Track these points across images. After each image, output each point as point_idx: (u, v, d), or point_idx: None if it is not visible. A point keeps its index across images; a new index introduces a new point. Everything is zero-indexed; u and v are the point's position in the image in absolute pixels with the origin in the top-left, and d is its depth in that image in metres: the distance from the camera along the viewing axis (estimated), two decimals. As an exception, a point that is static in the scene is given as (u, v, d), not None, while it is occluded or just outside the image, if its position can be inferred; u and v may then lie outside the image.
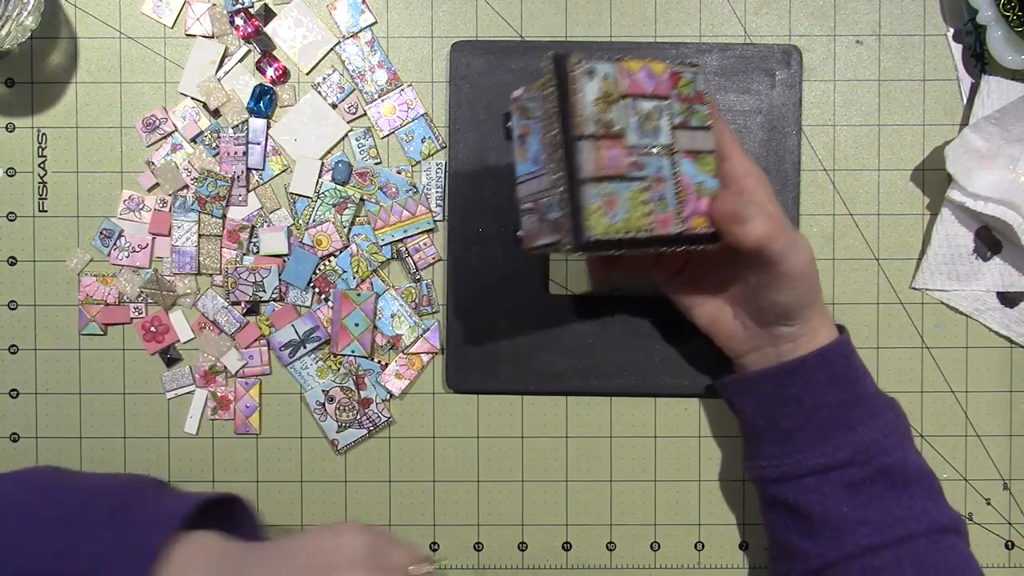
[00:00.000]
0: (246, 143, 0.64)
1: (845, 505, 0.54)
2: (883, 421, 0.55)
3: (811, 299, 0.55)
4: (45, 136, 0.65)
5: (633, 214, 0.50)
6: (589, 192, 0.48)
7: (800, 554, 0.55)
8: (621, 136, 0.50)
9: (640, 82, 0.50)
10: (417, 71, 0.65)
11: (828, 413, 0.55)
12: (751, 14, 0.65)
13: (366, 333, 0.64)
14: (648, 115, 0.51)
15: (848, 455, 0.54)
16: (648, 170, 0.51)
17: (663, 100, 0.52)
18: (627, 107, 0.50)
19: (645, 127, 0.51)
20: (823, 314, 0.56)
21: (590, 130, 0.48)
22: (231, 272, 0.64)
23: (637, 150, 0.51)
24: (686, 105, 0.53)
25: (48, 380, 0.65)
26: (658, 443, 0.66)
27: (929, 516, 0.54)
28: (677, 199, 0.52)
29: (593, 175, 0.48)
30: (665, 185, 0.52)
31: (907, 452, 0.55)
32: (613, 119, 0.49)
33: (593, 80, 0.49)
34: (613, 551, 0.66)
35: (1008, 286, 0.65)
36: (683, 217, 0.52)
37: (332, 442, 0.65)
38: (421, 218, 0.64)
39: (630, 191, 0.50)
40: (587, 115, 0.48)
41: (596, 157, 0.49)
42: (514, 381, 0.64)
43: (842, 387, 0.55)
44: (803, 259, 0.53)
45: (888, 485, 0.54)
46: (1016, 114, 0.61)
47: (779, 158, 0.64)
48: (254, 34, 0.65)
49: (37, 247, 0.65)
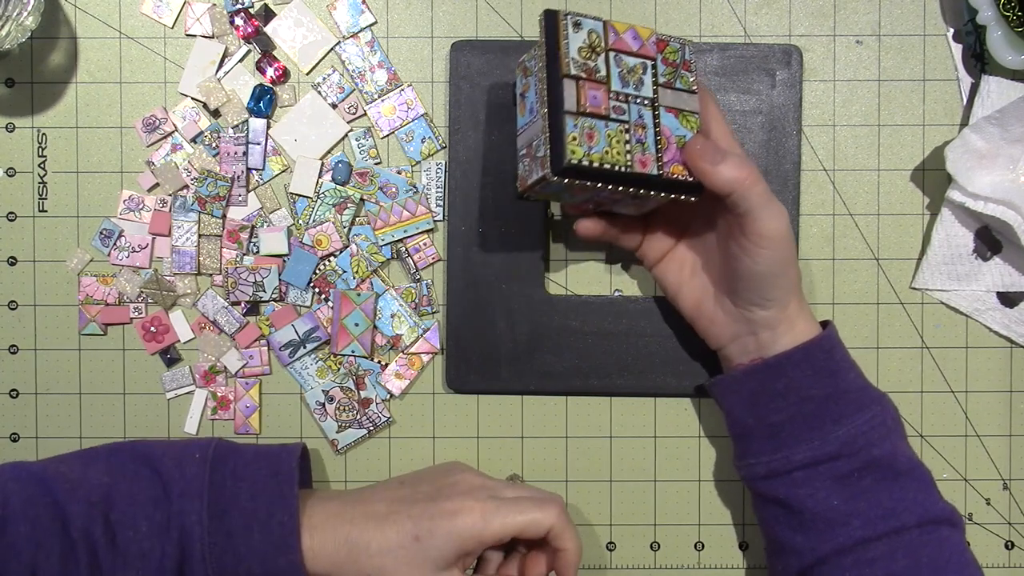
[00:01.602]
0: (246, 143, 0.64)
1: (835, 498, 0.54)
2: (870, 415, 0.55)
3: (786, 275, 0.55)
4: (45, 136, 0.65)
5: (612, 148, 0.53)
6: (568, 122, 0.52)
7: (793, 549, 0.56)
8: (604, 82, 0.53)
9: (626, 40, 0.54)
10: (417, 71, 0.65)
11: (814, 407, 0.55)
12: (751, 14, 0.65)
13: (366, 333, 0.64)
14: (632, 69, 0.54)
15: (835, 448, 0.54)
16: (629, 115, 0.54)
17: (649, 60, 0.55)
18: (612, 59, 0.54)
19: (628, 78, 0.54)
20: (801, 303, 0.57)
21: (573, 71, 0.52)
22: (231, 272, 0.64)
23: (619, 96, 0.54)
24: (671, 68, 0.56)
25: (48, 380, 0.65)
26: (658, 443, 0.66)
27: (922, 508, 0.54)
28: (657, 145, 0.55)
29: (574, 110, 0.52)
30: (646, 131, 0.54)
31: (896, 445, 0.56)
32: (597, 66, 0.53)
33: (580, 32, 0.53)
34: (613, 551, 0.66)
35: (1008, 286, 0.65)
36: (663, 162, 0.55)
37: (332, 442, 0.65)
38: (421, 218, 0.64)
39: (610, 129, 0.53)
40: (572, 58, 0.52)
41: (578, 94, 0.52)
42: (514, 381, 0.64)
43: (827, 381, 0.55)
44: (778, 223, 0.53)
45: (878, 478, 0.54)
46: (1016, 114, 0.61)
47: (779, 158, 0.64)
48: (254, 34, 0.65)
49: (37, 247, 0.65)
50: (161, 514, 0.53)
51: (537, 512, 0.55)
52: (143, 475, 0.55)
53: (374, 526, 0.55)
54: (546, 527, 0.55)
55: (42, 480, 0.54)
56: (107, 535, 0.53)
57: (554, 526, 0.55)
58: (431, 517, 0.55)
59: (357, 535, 0.55)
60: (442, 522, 0.55)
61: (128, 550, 0.53)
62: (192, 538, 0.53)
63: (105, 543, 0.53)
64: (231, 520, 0.54)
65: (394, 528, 0.55)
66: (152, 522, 0.53)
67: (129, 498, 0.54)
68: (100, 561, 0.53)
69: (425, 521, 0.55)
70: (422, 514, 0.55)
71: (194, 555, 0.53)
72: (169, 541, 0.53)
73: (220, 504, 0.54)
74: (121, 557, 0.53)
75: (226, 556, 0.53)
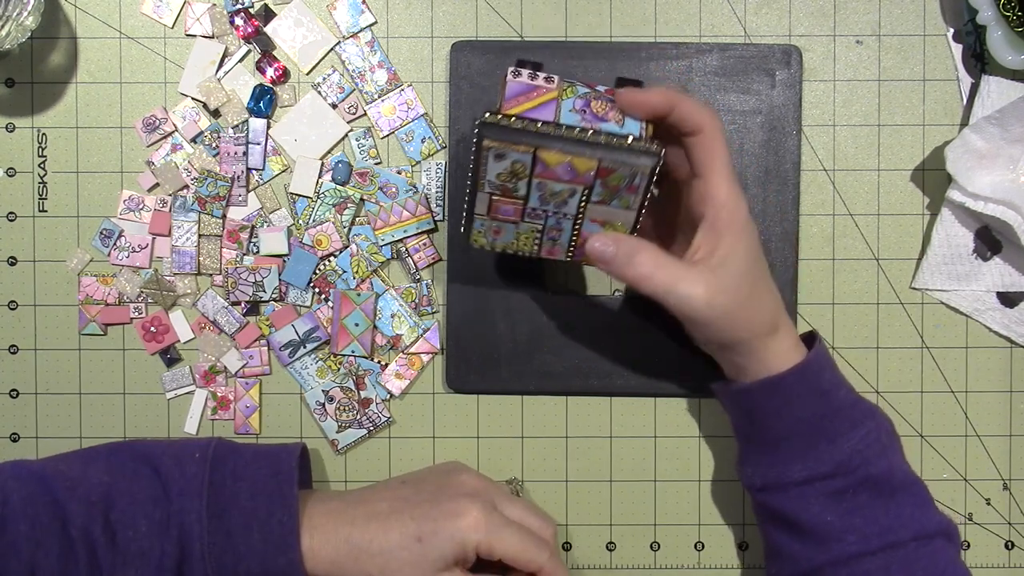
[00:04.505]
0: (246, 143, 0.64)
1: (830, 514, 0.54)
2: (864, 431, 0.55)
3: (745, 315, 0.54)
4: (45, 136, 0.65)
5: (519, 241, 0.56)
6: (477, 221, 0.55)
7: (790, 555, 0.56)
8: (522, 199, 0.53)
9: (555, 173, 0.52)
10: (417, 71, 0.65)
11: (808, 427, 0.55)
12: (751, 14, 0.65)
13: (366, 333, 0.64)
14: (557, 192, 0.53)
15: (830, 468, 0.54)
16: (545, 223, 0.54)
17: (581, 186, 0.52)
18: (535, 184, 0.52)
19: (550, 200, 0.53)
20: (779, 330, 0.55)
21: (488, 190, 0.53)
22: (231, 272, 0.64)
23: (536, 211, 0.54)
24: (610, 192, 0.53)
25: (48, 380, 0.65)
26: (658, 443, 0.66)
27: (917, 523, 0.54)
28: (571, 242, 0.55)
29: (484, 214, 0.54)
30: (561, 234, 0.55)
31: (892, 460, 0.55)
32: (517, 187, 0.53)
33: (502, 162, 0.51)
34: (613, 551, 0.66)
35: (1008, 286, 0.65)
36: (574, 251, 0.56)
37: (332, 442, 0.65)
38: (421, 218, 0.64)
39: (520, 230, 0.55)
40: (488, 179, 0.52)
41: (489, 205, 0.54)
42: (514, 381, 0.64)
43: (819, 401, 0.55)
44: (728, 188, 0.53)
45: (874, 494, 0.54)
46: (1016, 114, 0.61)
47: (779, 158, 0.64)
48: (254, 34, 0.65)
49: (37, 247, 0.65)
50: (161, 513, 0.53)
51: (533, 551, 0.56)
52: (143, 474, 0.55)
53: (376, 526, 0.55)
54: (536, 566, 0.56)
55: (42, 479, 0.54)
56: (107, 534, 0.53)
57: (544, 567, 0.56)
58: (434, 518, 0.55)
59: (358, 535, 0.55)
60: (445, 523, 0.55)
61: (128, 549, 0.53)
62: (191, 537, 0.53)
63: (105, 542, 0.53)
64: (231, 519, 0.54)
65: (396, 528, 0.55)
66: (152, 521, 0.53)
67: (129, 497, 0.54)
68: (99, 560, 0.53)
69: (428, 522, 0.55)
70: (425, 515, 0.55)
71: (193, 554, 0.53)
72: (168, 540, 0.53)
73: (220, 503, 0.54)
74: (120, 556, 0.53)
75: (225, 555, 0.53)
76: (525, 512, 0.58)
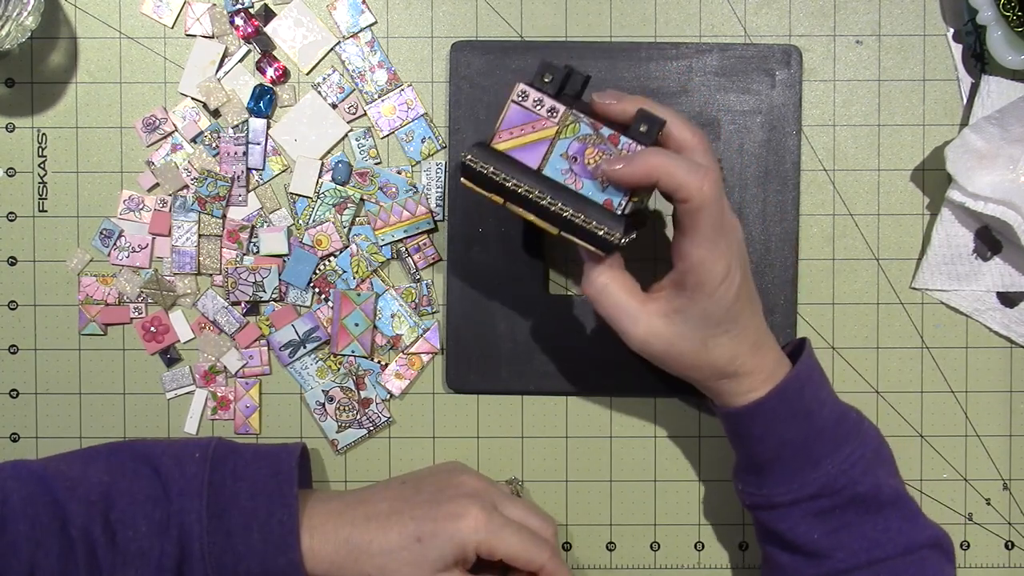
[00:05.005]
0: (246, 143, 0.64)
1: (817, 532, 0.55)
2: (849, 450, 0.54)
3: (727, 256, 0.51)
4: (45, 136, 0.65)
5: None
6: None
7: (783, 568, 0.57)
8: None
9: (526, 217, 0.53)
10: (417, 71, 0.65)
11: (792, 450, 0.55)
12: (751, 14, 0.65)
13: (366, 333, 0.64)
14: None
15: (815, 489, 0.54)
16: None
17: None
18: None
19: None
20: (760, 345, 0.54)
21: None
22: (231, 272, 0.64)
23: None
24: None
25: (48, 380, 0.65)
26: (658, 443, 0.66)
27: (906, 537, 0.54)
28: None
29: None
30: None
31: (879, 477, 0.55)
32: None
33: None
34: (613, 551, 0.66)
35: (1008, 286, 0.65)
36: None
37: (332, 442, 0.65)
38: (421, 218, 0.64)
39: None
40: None
41: None
42: (514, 381, 0.64)
43: (802, 423, 0.54)
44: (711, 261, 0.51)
45: (860, 511, 0.54)
46: (1016, 114, 0.61)
47: (779, 158, 0.64)
48: (254, 34, 0.65)
49: (37, 247, 0.65)
50: (161, 513, 0.53)
51: (533, 551, 0.55)
52: (143, 474, 0.55)
53: (376, 526, 0.55)
54: (537, 566, 0.56)
55: (42, 479, 0.54)
56: (106, 534, 0.53)
57: (545, 566, 0.56)
58: (434, 519, 0.55)
59: (358, 535, 0.55)
60: (445, 524, 0.55)
61: (127, 549, 0.53)
62: (191, 537, 0.53)
63: (104, 542, 0.53)
64: (230, 519, 0.54)
65: (396, 529, 0.55)
66: (151, 521, 0.53)
67: (129, 497, 0.54)
68: (99, 560, 0.53)
69: (428, 523, 0.55)
70: (425, 515, 0.55)
71: (193, 554, 0.53)
72: (168, 540, 0.53)
73: (219, 503, 0.54)
74: (120, 556, 0.53)
75: (225, 555, 0.53)
76: (525, 512, 0.58)
